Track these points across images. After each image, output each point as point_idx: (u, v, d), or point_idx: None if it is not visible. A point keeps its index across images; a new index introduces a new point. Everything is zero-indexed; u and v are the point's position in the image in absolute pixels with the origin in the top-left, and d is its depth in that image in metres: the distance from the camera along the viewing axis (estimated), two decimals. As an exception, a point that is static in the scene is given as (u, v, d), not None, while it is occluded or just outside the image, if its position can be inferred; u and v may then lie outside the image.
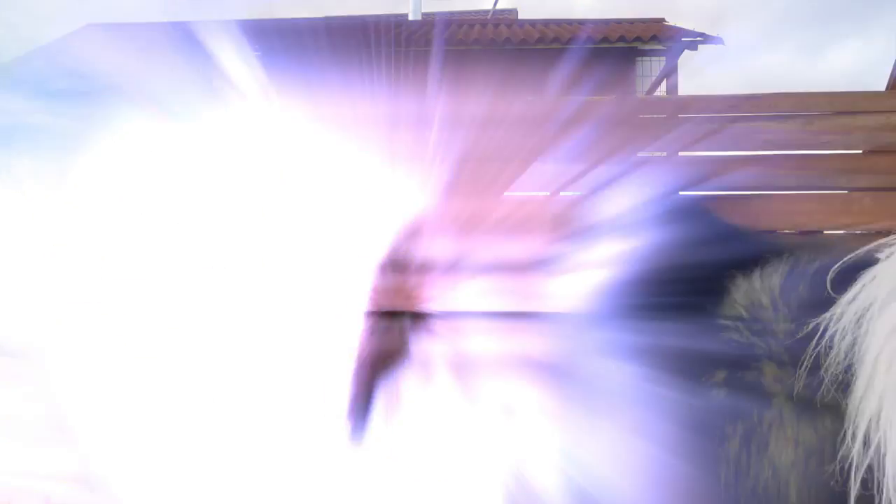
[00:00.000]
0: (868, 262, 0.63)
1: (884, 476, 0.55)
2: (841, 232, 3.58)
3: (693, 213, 0.98)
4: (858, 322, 0.59)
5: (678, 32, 6.25)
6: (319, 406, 1.47)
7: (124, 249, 2.11)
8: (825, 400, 0.61)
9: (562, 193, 3.67)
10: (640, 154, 4.25)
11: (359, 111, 3.72)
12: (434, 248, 1.50)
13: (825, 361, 0.61)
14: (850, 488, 0.58)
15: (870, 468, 0.56)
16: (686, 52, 6.28)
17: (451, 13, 13.42)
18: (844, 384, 0.59)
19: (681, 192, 3.75)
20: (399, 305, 1.47)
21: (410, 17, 9.03)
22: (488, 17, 10.77)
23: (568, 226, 1.14)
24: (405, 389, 1.33)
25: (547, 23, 7.58)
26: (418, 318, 1.41)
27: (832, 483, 0.60)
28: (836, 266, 0.63)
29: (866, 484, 0.57)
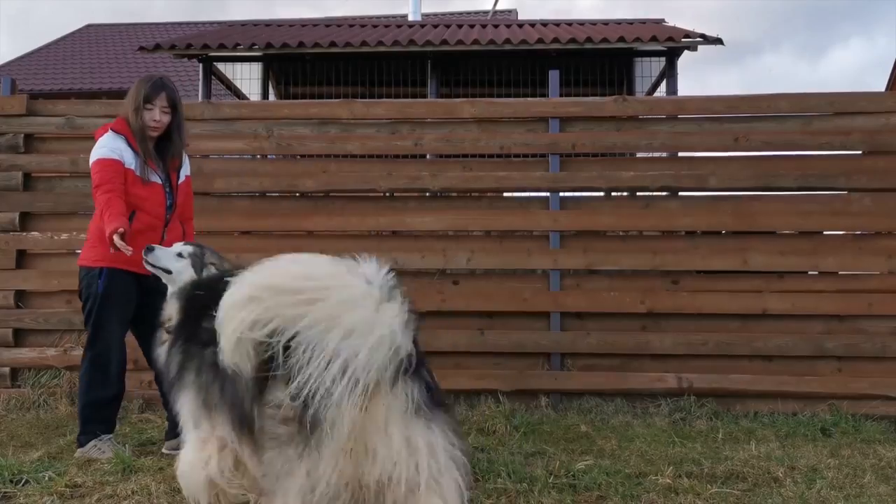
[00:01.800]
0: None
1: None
2: (840, 232, 3.57)
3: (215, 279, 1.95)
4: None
5: (678, 33, 6.24)
6: None
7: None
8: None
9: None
10: (640, 154, 4.23)
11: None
12: None
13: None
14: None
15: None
16: (686, 52, 6.27)
17: (451, 14, 13.43)
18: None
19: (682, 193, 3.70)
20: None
21: (410, 18, 9.03)
22: (488, 17, 10.78)
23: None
24: None
25: (546, 23, 7.58)
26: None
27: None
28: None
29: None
